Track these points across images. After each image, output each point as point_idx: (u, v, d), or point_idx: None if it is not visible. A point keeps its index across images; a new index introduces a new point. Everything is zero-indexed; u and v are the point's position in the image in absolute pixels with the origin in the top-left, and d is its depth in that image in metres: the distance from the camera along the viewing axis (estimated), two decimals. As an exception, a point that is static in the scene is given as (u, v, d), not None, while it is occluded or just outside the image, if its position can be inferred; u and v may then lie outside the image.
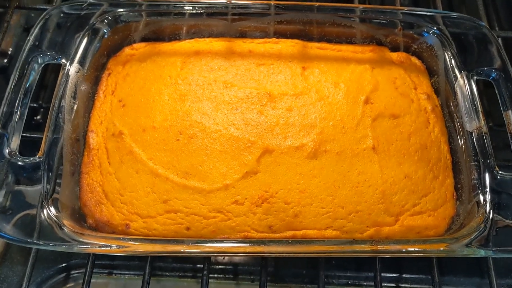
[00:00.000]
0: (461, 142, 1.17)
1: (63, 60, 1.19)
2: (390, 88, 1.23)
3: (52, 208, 1.03)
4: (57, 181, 1.08)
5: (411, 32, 1.30)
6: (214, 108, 1.19)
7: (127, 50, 1.30)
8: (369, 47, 1.31)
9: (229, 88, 1.22)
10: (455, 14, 1.26)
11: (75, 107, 1.17)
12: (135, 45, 1.31)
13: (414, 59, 1.31)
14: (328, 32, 1.31)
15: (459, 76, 1.20)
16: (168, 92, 1.21)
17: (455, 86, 1.20)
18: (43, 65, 1.19)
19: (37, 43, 1.21)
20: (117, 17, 1.27)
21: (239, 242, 1.03)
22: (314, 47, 1.30)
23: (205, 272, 1.12)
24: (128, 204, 1.11)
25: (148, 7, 1.27)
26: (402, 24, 1.28)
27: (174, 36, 1.32)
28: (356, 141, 1.16)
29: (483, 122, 1.14)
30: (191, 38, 1.31)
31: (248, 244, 1.02)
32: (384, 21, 1.28)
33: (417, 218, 1.11)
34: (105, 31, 1.26)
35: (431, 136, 1.19)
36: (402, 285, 1.34)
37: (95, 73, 1.26)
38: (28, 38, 1.20)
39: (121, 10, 1.26)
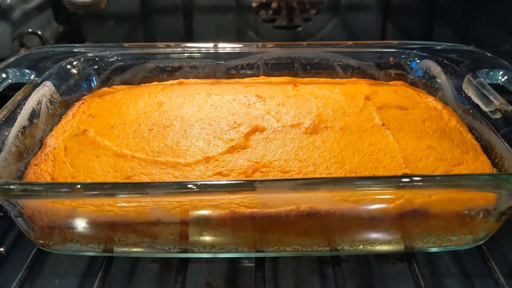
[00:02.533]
0: (485, 124, 0.99)
1: (35, 78, 1.10)
2: (392, 95, 1.11)
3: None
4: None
5: (400, 71, 1.25)
6: (196, 110, 1.05)
7: (105, 89, 1.21)
8: (363, 79, 1.24)
9: (213, 97, 1.09)
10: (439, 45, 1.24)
11: (37, 113, 1.02)
12: (115, 86, 1.23)
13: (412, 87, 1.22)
14: (318, 73, 1.26)
15: (464, 80, 1.10)
16: (145, 101, 1.08)
17: (463, 87, 1.09)
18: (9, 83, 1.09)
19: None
20: (99, 57, 1.23)
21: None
22: (305, 80, 1.22)
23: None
24: (80, 184, 0.86)
25: (132, 50, 1.24)
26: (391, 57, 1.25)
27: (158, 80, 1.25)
28: (361, 121, 0.98)
29: (502, 100, 0.99)
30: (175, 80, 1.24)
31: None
32: (372, 57, 1.25)
33: (455, 183, 0.85)
34: (83, 69, 1.21)
35: (449, 125, 1.01)
36: None
37: (67, 102, 1.14)
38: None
39: (105, 53, 1.24)
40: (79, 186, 0.72)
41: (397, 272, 1.08)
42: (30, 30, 1.52)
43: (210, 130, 0.96)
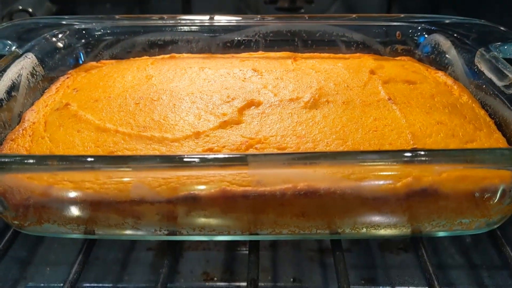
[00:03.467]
0: (500, 100, 0.91)
1: (16, 49, 1.02)
2: (399, 69, 1.03)
3: None
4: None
5: (407, 46, 1.17)
6: (187, 84, 0.97)
7: (92, 63, 1.14)
8: (367, 54, 1.16)
9: (206, 71, 1.02)
10: (448, 19, 1.16)
11: (17, 86, 0.95)
12: (103, 61, 1.15)
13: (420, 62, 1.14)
14: (320, 48, 1.18)
15: (476, 54, 1.02)
16: (133, 75, 1.01)
17: (475, 62, 1.01)
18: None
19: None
20: (87, 30, 1.16)
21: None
22: (306, 55, 1.14)
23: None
24: (58, 160, 0.79)
25: (122, 22, 1.17)
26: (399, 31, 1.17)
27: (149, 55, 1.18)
28: (366, 95, 0.91)
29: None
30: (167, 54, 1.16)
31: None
32: (378, 32, 1.17)
33: (468, 161, 0.77)
34: (70, 42, 1.13)
35: (460, 100, 0.94)
36: None
37: (52, 76, 1.07)
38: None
39: (93, 25, 1.16)
40: (51, 158, 0.65)
41: (401, 262, 1.01)
42: (21, 7, 1.45)
43: (201, 104, 0.88)
